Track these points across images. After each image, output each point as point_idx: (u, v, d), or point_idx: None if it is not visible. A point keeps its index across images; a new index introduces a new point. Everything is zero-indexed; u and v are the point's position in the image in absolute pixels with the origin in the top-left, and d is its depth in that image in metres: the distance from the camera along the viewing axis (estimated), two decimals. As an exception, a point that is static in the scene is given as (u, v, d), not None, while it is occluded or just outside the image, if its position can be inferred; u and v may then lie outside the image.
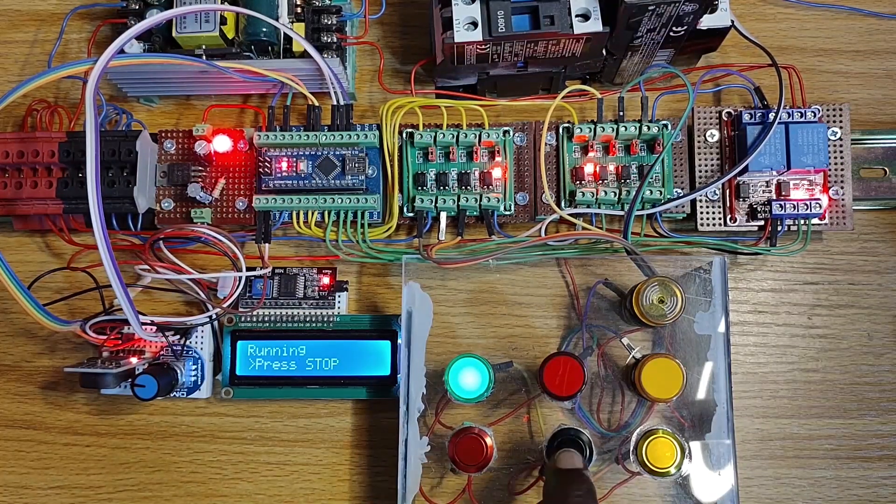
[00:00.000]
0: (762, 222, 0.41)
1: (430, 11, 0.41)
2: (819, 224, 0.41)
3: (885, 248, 0.44)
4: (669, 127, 0.41)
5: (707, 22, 0.39)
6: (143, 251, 0.41)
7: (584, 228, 0.41)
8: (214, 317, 0.42)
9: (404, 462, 0.38)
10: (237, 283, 0.41)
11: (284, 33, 0.42)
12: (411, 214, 0.42)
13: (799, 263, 0.44)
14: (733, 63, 0.44)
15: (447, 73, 0.42)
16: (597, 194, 0.40)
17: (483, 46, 0.37)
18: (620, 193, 0.40)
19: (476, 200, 0.41)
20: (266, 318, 0.43)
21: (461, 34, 0.36)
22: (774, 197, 0.41)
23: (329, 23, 0.42)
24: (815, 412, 0.43)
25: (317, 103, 0.43)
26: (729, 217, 0.42)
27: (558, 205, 0.41)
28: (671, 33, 0.38)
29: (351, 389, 0.42)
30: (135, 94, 0.45)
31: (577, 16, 0.36)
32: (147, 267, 0.41)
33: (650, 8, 0.35)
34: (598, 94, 0.42)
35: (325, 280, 0.43)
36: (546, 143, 0.41)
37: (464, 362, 0.37)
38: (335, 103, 0.42)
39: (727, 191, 0.42)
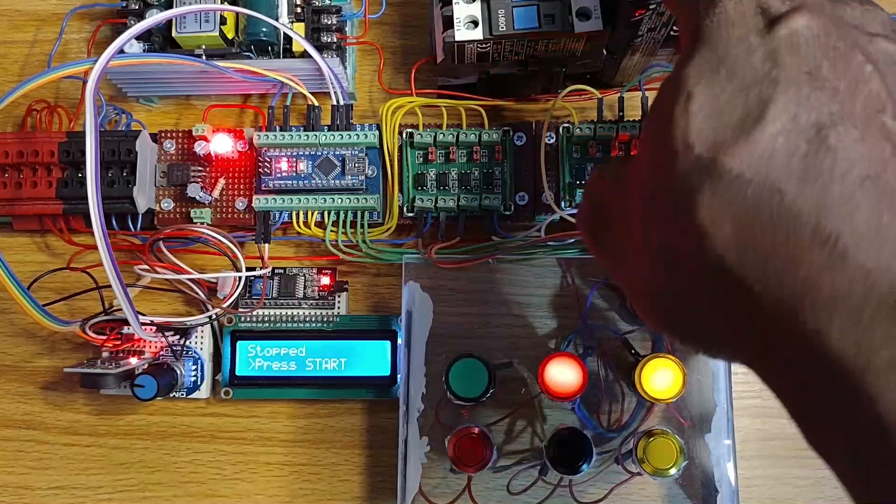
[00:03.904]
0: (762, 222, 0.41)
1: (430, 11, 0.41)
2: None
3: (886, 247, 0.44)
4: (669, 127, 0.41)
5: (707, 21, 0.39)
6: (143, 251, 0.41)
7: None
8: (214, 317, 0.42)
9: (404, 462, 0.38)
10: (237, 283, 0.41)
11: (284, 33, 0.42)
12: (411, 214, 0.42)
13: (799, 263, 0.44)
14: (733, 63, 0.44)
15: (447, 73, 0.41)
16: (597, 194, 0.40)
17: (484, 45, 0.37)
18: (620, 193, 0.40)
19: (476, 200, 0.41)
20: (266, 319, 0.43)
21: (462, 33, 0.36)
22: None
23: (329, 23, 0.42)
24: (816, 412, 0.42)
25: (317, 103, 0.43)
26: (729, 217, 0.42)
27: (558, 205, 0.41)
28: (672, 32, 0.38)
29: (351, 390, 0.42)
30: (134, 94, 0.45)
31: (577, 14, 0.36)
32: (147, 267, 0.41)
33: (651, 7, 0.35)
34: (598, 94, 0.42)
35: (325, 280, 0.43)
36: (546, 143, 0.41)
37: (464, 362, 0.37)
38: (335, 103, 0.42)
39: (727, 191, 0.42)
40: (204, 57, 0.41)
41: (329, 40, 0.42)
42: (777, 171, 0.17)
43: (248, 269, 0.41)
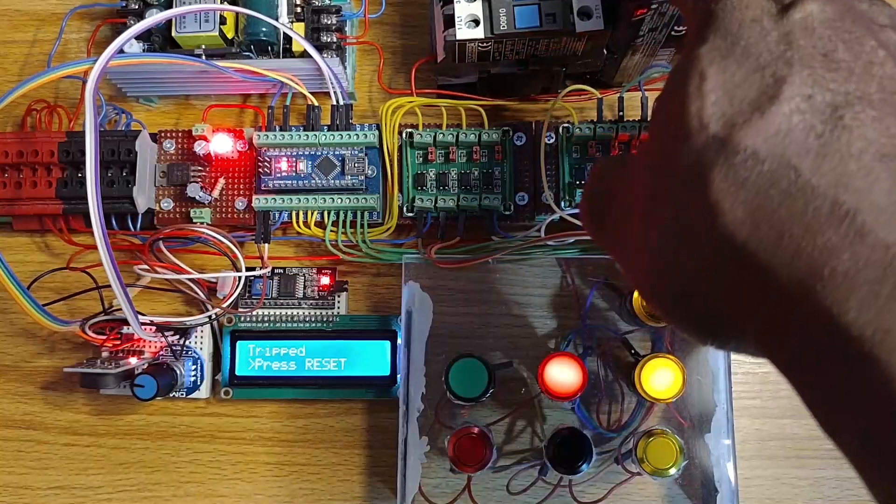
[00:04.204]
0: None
1: (430, 10, 0.41)
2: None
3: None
4: (669, 127, 0.41)
5: (707, 22, 0.39)
6: (143, 251, 0.41)
7: (584, 228, 0.41)
8: (214, 317, 0.42)
9: (403, 462, 0.38)
10: (236, 283, 0.41)
11: (284, 33, 0.42)
12: (411, 214, 0.42)
13: (799, 263, 0.44)
14: (733, 63, 0.44)
15: (448, 72, 0.41)
16: (597, 194, 0.40)
17: (485, 44, 0.37)
18: (620, 193, 0.40)
19: (476, 200, 0.41)
20: (265, 319, 0.43)
21: (463, 31, 0.36)
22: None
23: (329, 22, 0.42)
24: (816, 412, 0.42)
25: (316, 103, 0.43)
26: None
27: (558, 205, 0.41)
28: (673, 32, 0.38)
29: (350, 390, 0.42)
30: (134, 94, 0.45)
31: (578, 13, 0.36)
32: (146, 267, 0.41)
33: (652, 6, 0.35)
34: (598, 94, 0.42)
35: (325, 280, 0.43)
36: (546, 143, 0.41)
37: (464, 362, 0.37)
38: (335, 103, 0.42)
39: (727, 191, 0.42)
40: (204, 57, 0.41)
41: (329, 40, 0.42)
42: (792, 149, 0.17)
43: (247, 269, 0.41)
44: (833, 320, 0.16)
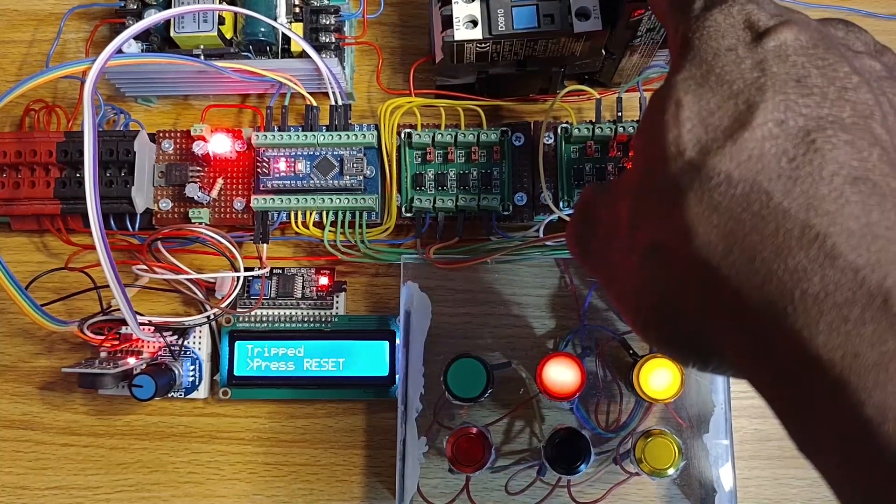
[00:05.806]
0: (760, 222, 0.41)
1: (430, 10, 0.41)
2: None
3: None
4: (668, 127, 0.41)
5: (705, 22, 0.39)
6: (141, 251, 0.41)
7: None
8: (212, 317, 0.42)
9: (402, 462, 0.38)
10: (235, 283, 0.41)
11: (283, 33, 0.42)
12: (410, 215, 0.42)
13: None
14: (732, 63, 0.44)
15: (446, 73, 0.41)
16: (595, 194, 0.40)
17: (483, 45, 0.37)
18: (619, 193, 0.40)
19: (474, 201, 0.41)
20: (264, 319, 0.43)
21: (461, 32, 0.36)
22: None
23: (327, 23, 0.42)
24: (814, 412, 0.42)
25: (315, 103, 0.43)
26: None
27: (556, 205, 0.41)
28: (670, 33, 0.38)
29: (349, 390, 0.42)
30: (133, 94, 0.45)
31: (576, 14, 0.36)
32: (145, 267, 0.41)
33: (650, 7, 0.35)
34: (597, 95, 0.42)
35: (324, 280, 0.43)
36: (544, 144, 0.41)
37: (463, 362, 0.37)
38: (333, 103, 0.42)
39: (726, 191, 0.42)
40: (202, 57, 0.41)
41: (327, 40, 0.42)
42: (765, 173, 0.17)
43: (246, 269, 0.41)
44: (804, 343, 0.16)
